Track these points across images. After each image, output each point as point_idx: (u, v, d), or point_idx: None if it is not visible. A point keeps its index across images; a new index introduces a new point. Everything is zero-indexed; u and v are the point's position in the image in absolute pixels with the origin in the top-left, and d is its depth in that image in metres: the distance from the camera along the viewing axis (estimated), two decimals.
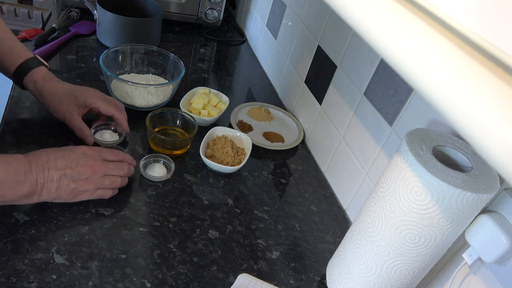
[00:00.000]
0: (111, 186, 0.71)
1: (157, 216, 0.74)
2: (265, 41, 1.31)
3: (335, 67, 0.93)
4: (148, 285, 0.63)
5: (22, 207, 0.68)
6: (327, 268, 0.73)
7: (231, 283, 0.67)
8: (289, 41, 1.15)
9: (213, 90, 1.05)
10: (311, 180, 0.93)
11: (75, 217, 0.69)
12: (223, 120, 1.03)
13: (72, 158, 0.65)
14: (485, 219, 0.54)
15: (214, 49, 1.35)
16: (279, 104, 1.16)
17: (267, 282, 0.68)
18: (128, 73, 1.04)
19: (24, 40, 1.08)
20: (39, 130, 0.83)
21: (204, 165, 0.87)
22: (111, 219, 0.71)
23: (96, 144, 0.82)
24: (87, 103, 0.81)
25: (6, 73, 0.81)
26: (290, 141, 1.02)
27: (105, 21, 1.12)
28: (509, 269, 0.54)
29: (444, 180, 0.50)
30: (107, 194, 0.71)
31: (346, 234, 0.68)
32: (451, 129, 0.61)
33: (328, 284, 0.70)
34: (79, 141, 0.83)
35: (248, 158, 0.90)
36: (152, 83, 1.02)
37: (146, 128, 0.86)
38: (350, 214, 0.86)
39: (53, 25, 1.13)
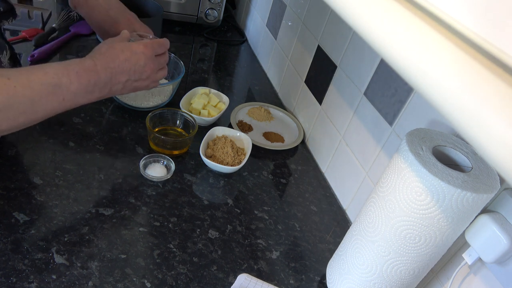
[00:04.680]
0: (162, 77, 0.79)
1: (157, 216, 0.74)
2: (265, 41, 1.31)
3: (335, 67, 0.93)
4: (148, 285, 0.63)
5: (22, 207, 0.68)
6: (327, 268, 0.73)
7: (231, 283, 0.67)
8: (289, 41, 1.15)
9: (213, 90, 1.05)
10: (311, 180, 0.93)
11: (75, 217, 0.69)
12: (223, 120, 1.03)
13: (134, 60, 0.71)
14: (485, 219, 0.54)
15: (214, 49, 1.35)
16: (279, 104, 1.16)
17: (267, 282, 0.68)
18: None
19: (24, 40, 1.08)
20: (39, 130, 0.83)
21: (204, 165, 0.87)
22: (111, 219, 0.71)
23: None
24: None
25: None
26: (290, 141, 1.02)
27: None
28: (509, 269, 0.54)
29: (444, 180, 0.50)
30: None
31: (346, 234, 0.68)
32: (451, 129, 0.61)
33: (328, 284, 0.70)
34: (80, 141, 0.84)
35: (248, 158, 0.90)
36: None
37: (146, 128, 0.86)
38: (350, 214, 0.86)
39: (53, 25, 1.13)
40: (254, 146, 0.93)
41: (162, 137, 0.85)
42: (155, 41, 0.75)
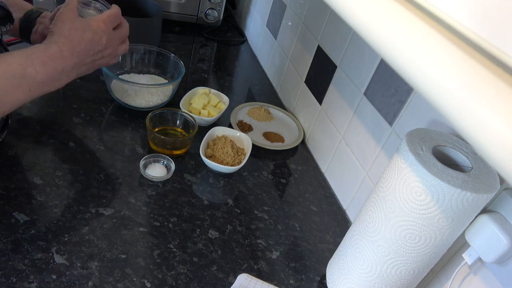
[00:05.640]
0: (123, 51, 0.78)
1: (157, 216, 0.74)
2: (265, 41, 1.31)
3: (335, 67, 0.93)
4: (148, 285, 0.63)
5: (22, 207, 0.68)
6: (327, 268, 0.73)
7: (231, 283, 0.67)
8: (289, 41, 1.15)
9: (213, 90, 1.05)
10: (311, 180, 0.93)
11: (75, 217, 0.69)
12: (223, 120, 1.03)
13: (97, 40, 0.69)
14: (485, 219, 0.54)
15: (214, 49, 1.35)
16: (279, 104, 1.16)
17: (267, 282, 0.68)
18: (128, 73, 1.04)
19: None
20: (39, 130, 0.83)
21: (204, 165, 0.87)
22: (111, 219, 0.71)
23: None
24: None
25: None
26: (290, 141, 1.02)
27: None
28: (509, 269, 0.54)
29: (444, 180, 0.50)
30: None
31: (346, 234, 0.68)
32: (451, 129, 0.61)
33: (328, 284, 0.70)
34: (80, 141, 0.84)
35: (248, 158, 0.90)
36: (152, 83, 1.02)
37: (146, 128, 0.86)
38: (350, 214, 0.86)
39: None
40: (254, 146, 0.93)
41: (162, 137, 0.85)
42: (110, 14, 0.73)
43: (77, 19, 0.69)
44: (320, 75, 0.99)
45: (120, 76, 0.99)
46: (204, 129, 0.94)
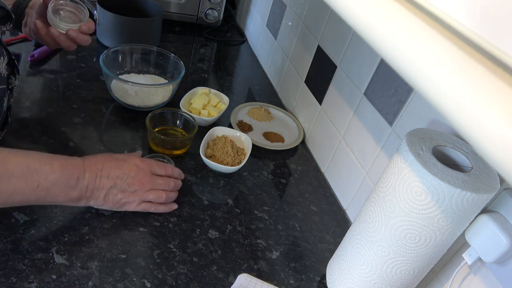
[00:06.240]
0: (155, 200, 0.72)
1: (157, 216, 0.74)
2: (265, 41, 1.31)
3: (335, 67, 0.93)
4: (148, 285, 0.63)
5: (22, 207, 0.68)
6: (327, 268, 0.73)
7: (231, 283, 0.67)
8: (289, 41, 1.15)
9: (213, 90, 1.05)
10: (311, 180, 0.93)
11: (75, 217, 0.69)
12: (223, 120, 1.03)
13: (125, 169, 0.68)
14: (485, 219, 0.54)
15: (214, 49, 1.35)
16: (279, 104, 1.16)
17: (267, 282, 0.68)
18: (128, 73, 1.04)
19: (24, 40, 1.08)
20: (39, 130, 0.83)
21: (204, 165, 0.87)
22: (111, 219, 0.71)
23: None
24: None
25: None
26: (290, 141, 1.02)
27: (105, 21, 1.12)
28: (509, 269, 0.54)
29: (444, 180, 0.50)
30: (150, 208, 0.72)
31: (346, 234, 0.68)
32: (451, 129, 0.61)
33: (328, 284, 0.70)
34: (80, 141, 0.84)
35: (248, 158, 0.90)
36: (152, 83, 1.02)
37: (146, 128, 0.86)
38: (350, 214, 0.86)
39: None
40: (254, 146, 0.93)
41: (162, 137, 0.85)
42: (156, 161, 0.74)
43: (120, 154, 0.69)
44: (320, 75, 0.99)
45: (120, 76, 0.99)
46: (204, 129, 0.94)
